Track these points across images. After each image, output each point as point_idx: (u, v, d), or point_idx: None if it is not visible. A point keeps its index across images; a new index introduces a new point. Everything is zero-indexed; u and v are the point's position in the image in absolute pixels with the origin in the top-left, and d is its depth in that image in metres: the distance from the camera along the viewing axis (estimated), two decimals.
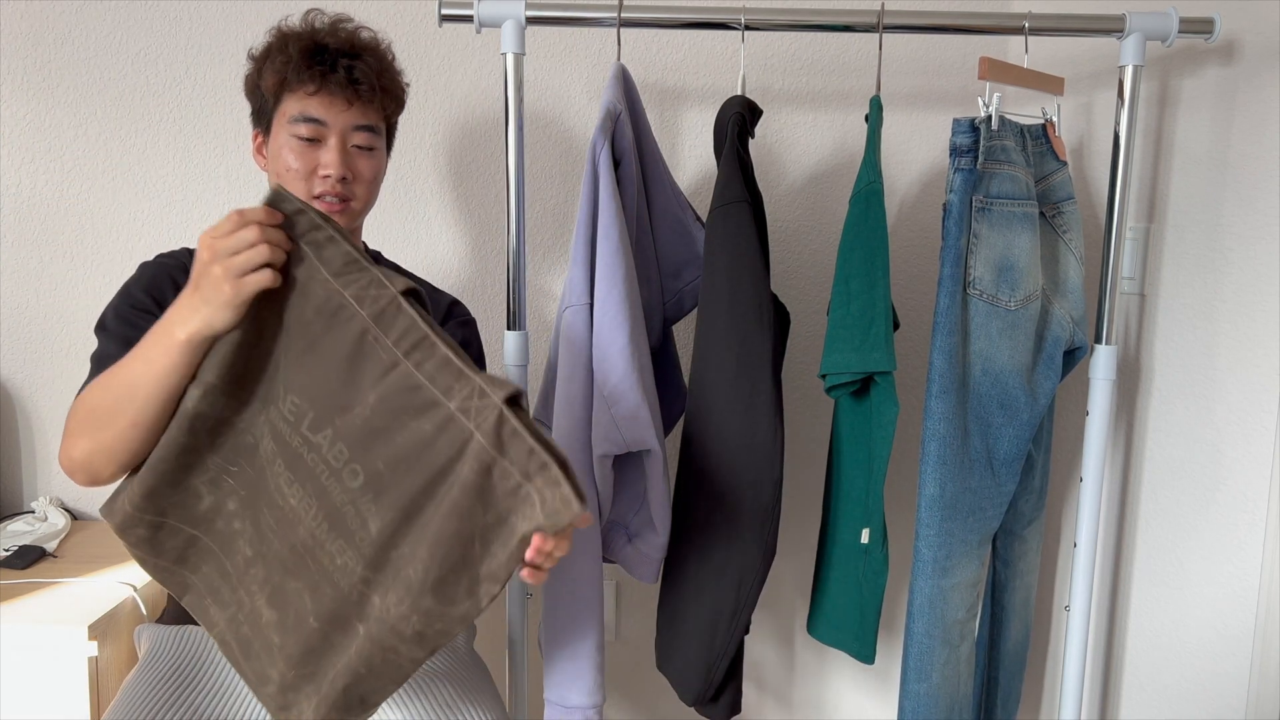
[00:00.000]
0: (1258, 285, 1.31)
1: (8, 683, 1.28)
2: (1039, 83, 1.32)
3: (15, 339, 1.69)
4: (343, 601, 0.95)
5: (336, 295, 0.90)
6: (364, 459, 0.90)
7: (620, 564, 1.37)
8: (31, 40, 1.61)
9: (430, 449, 0.87)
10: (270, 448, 0.96)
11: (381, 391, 0.89)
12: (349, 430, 0.91)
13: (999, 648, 1.49)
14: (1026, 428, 1.28)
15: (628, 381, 1.21)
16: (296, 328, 0.92)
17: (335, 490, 0.93)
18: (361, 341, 0.89)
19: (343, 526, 0.93)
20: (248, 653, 1.03)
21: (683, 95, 1.67)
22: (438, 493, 0.88)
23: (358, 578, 0.93)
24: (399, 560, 0.91)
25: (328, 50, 1.13)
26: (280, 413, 0.95)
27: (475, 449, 0.85)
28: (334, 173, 1.14)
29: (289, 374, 0.93)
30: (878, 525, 1.25)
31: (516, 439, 0.84)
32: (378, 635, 0.92)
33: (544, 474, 0.83)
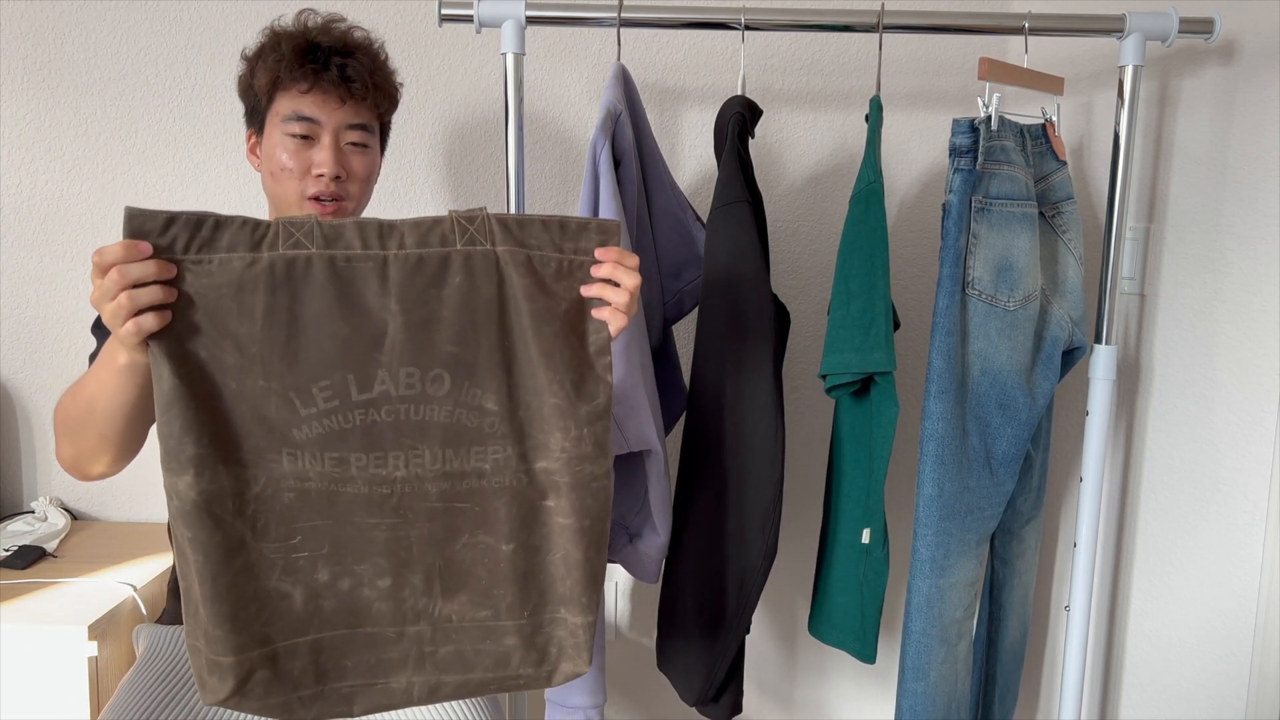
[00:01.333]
0: (1258, 285, 1.31)
1: (8, 683, 1.28)
2: (1039, 83, 1.32)
3: (15, 339, 1.69)
4: (520, 497, 0.91)
5: (274, 261, 0.81)
6: (433, 358, 0.86)
7: (621, 564, 1.38)
8: (31, 40, 1.61)
9: (474, 294, 0.86)
10: (322, 470, 0.86)
11: (395, 293, 0.84)
12: (399, 352, 0.85)
13: (997, 646, 1.49)
14: (1025, 428, 1.28)
15: (628, 381, 1.21)
16: (258, 328, 0.82)
17: (435, 412, 0.87)
18: (335, 275, 0.83)
19: (466, 435, 0.89)
20: (469, 665, 0.94)
21: (683, 95, 1.67)
22: (511, 325, 0.88)
23: (515, 462, 0.90)
24: (533, 408, 0.90)
25: (320, 49, 1.13)
26: (314, 419, 0.85)
27: (505, 257, 0.86)
28: (328, 171, 1.13)
29: (287, 375, 0.84)
30: (878, 525, 1.25)
31: (525, 226, 0.87)
32: (570, 481, 0.90)
33: (564, 229, 0.88)
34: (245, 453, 0.84)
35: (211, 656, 0.85)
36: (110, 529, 1.66)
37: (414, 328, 0.85)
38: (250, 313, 0.82)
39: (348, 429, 0.86)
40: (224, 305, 0.81)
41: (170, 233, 0.79)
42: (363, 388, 0.85)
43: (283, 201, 1.16)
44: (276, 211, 1.20)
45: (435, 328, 0.86)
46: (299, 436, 0.85)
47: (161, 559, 1.50)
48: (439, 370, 0.86)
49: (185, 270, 0.80)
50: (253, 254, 0.81)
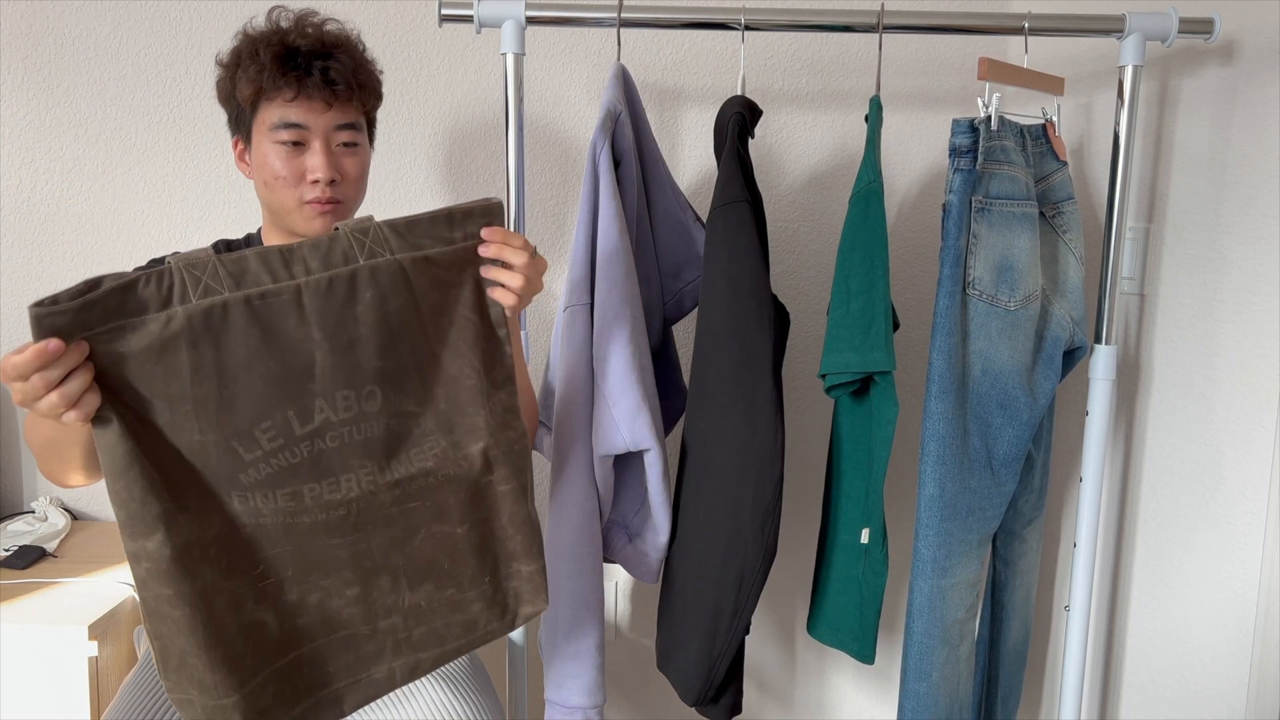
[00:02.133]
0: (1258, 285, 1.31)
1: (8, 683, 1.28)
2: (1039, 83, 1.32)
3: (15, 339, 1.69)
4: (464, 481, 0.97)
5: (191, 315, 0.80)
6: (364, 376, 0.89)
7: (620, 564, 1.38)
8: (31, 40, 1.61)
9: (386, 305, 0.89)
10: (276, 505, 0.88)
11: (315, 321, 0.85)
12: (331, 378, 0.87)
13: (999, 647, 1.49)
14: (1026, 428, 1.28)
15: (628, 381, 1.21)
16: (188, 385, 0.81)
17: (374, 427, 0.90)
18: (254, 317, 0.83)
19: (403, 440, 0.93)
20: (442, 639, 0.99)
21: (683, 95, 1.67)
22: (425, 326, 0.92)
23: (451, 451, 0.96)
24: (453, 398, 0.95)
25: (300, 53, 1.11)
26: (260, 462, 0.85)
27: (406, 263, 0.89)
28: (323, 176, 1.12)
29: (226, 426, 0.83)
30: (877, 525, 1.25)
31: (414, 226, 0.90)
32: (503, 451, 0.98)
33: (450, 220, 0.92)
34: (193, 500, 0.84)
35: (210, 703, 0.86)
36: (110, 529, 1.66)
37: (340, 351, 0.87)
38: (176, 372, 0.80)
39: (296, 463, 0.87)
40: (148, 370, 0.79)
41: (79, 317, 0.76)
42: (304, 421, 0.86)
43: (279, 209, 1.15)
44: (273, 220, 1.19)
45: (359, 346, 0.88)
46: (246, 480, 0.85)
47: None
48: (371, 386, 0.89)
49: (103, 346, 0.78)
50: (166, 312, 0.79)
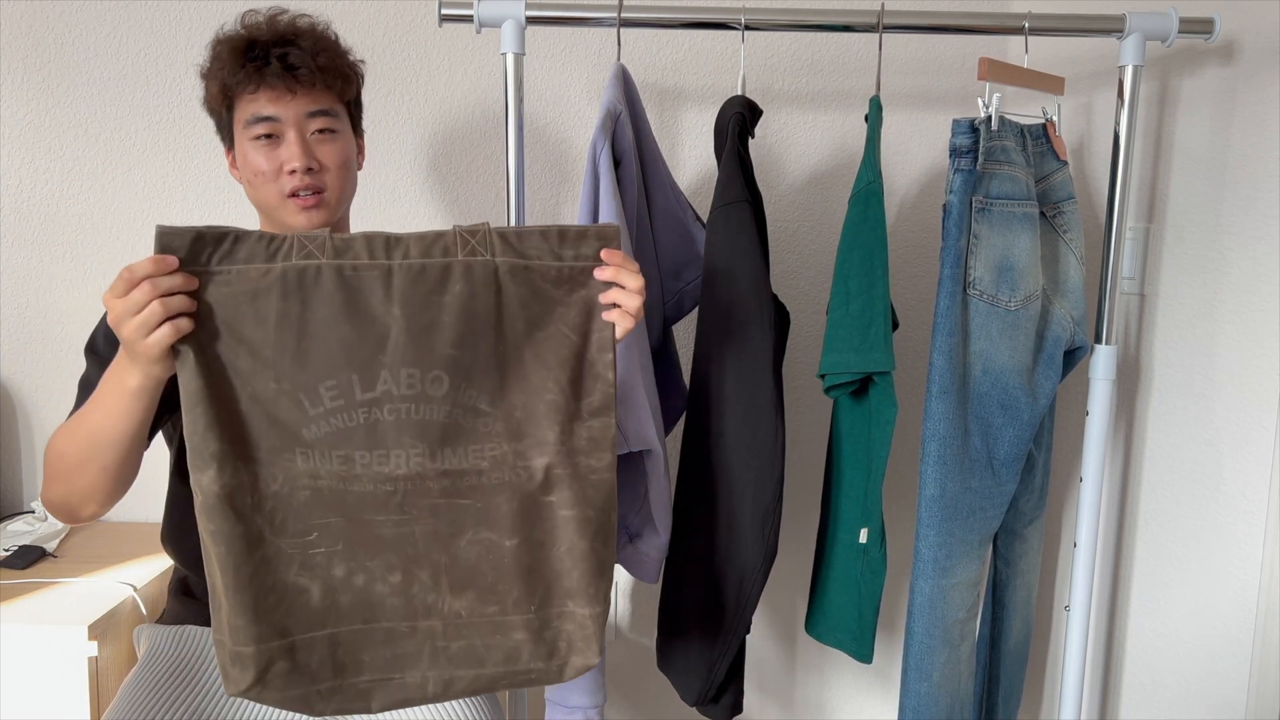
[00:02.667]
0: (1258, 285, 1.31)
1: (8, 683, 1.28)
2: (1039, 83, 1.32)
3: (15, 339, 1.69)
4: (519, 492, 0.94)
5: (287, 270, 0.87)
6: (432, 360, 0.90)
7: (621, 564, 1.37)
8: (31, 40, 1.61)
9: (473, 301, 0.91)
10: (331, 468, 0.90)
11: (398, 300, 0.89)
12: (400, 354, 0.89)
13: (1000, 647, 1.49)
14: (1027, 428, 1.28)
15: (628, 381, 1.21)
16: (271, 333, 0.88)
17: (435, 411, 0.91)
18: (343, 283, 0.88)
19: (464, 433, 0.93)
20: (480, 660, 0.96)
21: (683, 95, 1.67)
22: (507, 331, 0.92)
23: (512, 458, 0.94)
24: (529, 408, 0.94)
25: (258, 44, 1.10)
26: (321, 419, 0.89)
27: (504, 268, 0.91)
28: (298, 164, 1.11)
29: (297, 377, 0.88)
30: (876, 525, 1.25)
31: (525, 238, 0.92)
32: (570, 474, 0.95)
33: (562, 238, 0.93)
34: (263, 452, 0.89)
35: (234, 648, 0.89)
36: (110, 529, 1.66)
37: (415, 332, 0.89)
38: (264, 319, 0.87)
39: (352, 427, 0.90)
40: (241, 311, 0.87)
41: (194, 247, 0.85)
42: (366, 387, 0.89)
43: (265, 206, 1.15)
44: (265, 219, 1.18)
45: (435, 332, 0.90)
46: (308, 435, 0.89)
47: (162, 559, 1.50)
48: (438, 372, 0.91)
49: (207, 280, 0.86)
50: (268, 265, 0.87)
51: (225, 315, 0.87)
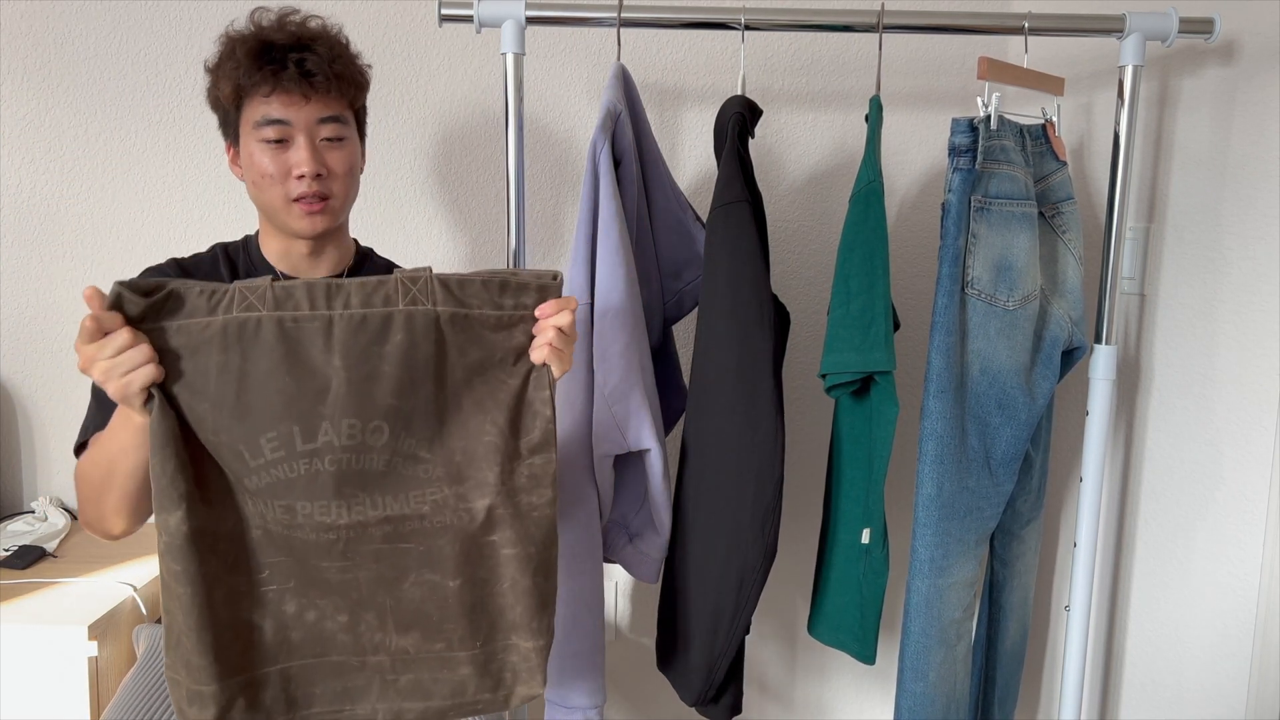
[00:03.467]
0: (1258, 285, 1.31)
1: (8, 683, 1.28)
2: (1039, 83, 1.32)
3: (15, 339, 1.69)
4: (462, 535, 0.96)
5: (227, 323, 0.88)
6: (373, 410, 0.91)
7: (621, 564, 1.38)
8: (31, 40, 1.61)
9: (414, 350, 0.92)
10: (275, 515, 0.93)
11: (339, 351, 0.90)
12: (341, 405, 0.90)
13: (996, 647, 1.49)
14: (1024, 428, 1.28)
15: (628, 381, 1.21)
16: (211, 385, 0.89)
17: (375, 461, 0.93)
18: (284, 334, 0.89)
19: (404, 480, 0.94)
20: (428, 694, 0.99)
21: (683, 95, 1.67)
22: (447, 378, 0.94)
23: (454, 501, 0.95)
24: (469, 451, 0.95)
25: (275, 47, 1.10)
26: (262, 470, 0.91)
27: (445, 317, 0.92)
28: (307, 170, 1.11)
29: (236, 429, 0.90)
30: (878, 525, 1.25)
31: (466, 285, 0.93)
32: (511, 513, 0.96)
33: (503, 288, 0.94)
34: (216, 494, 0.91)
35: (193, 686, 0.91)
36: None
37: (356, 382, 0.90)
38: (206, 370, 0.88)
39: (293, 478, 0.91)
40: (186, 364, 0.88)
41: (142, 303, 0.86)
42: (307, 439, 0.90)
43: (269, 208, 1.15)
44: (267, 219, 1.18)
45: (376, 382, 0.91)
46: (250, 485, 0.91)
47: None
48: (378, 421, 0.92)
49: (157, 336, 0.87)
50: (208, 318, 0.88)
51: (177, 368, 0.88)
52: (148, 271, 1.18)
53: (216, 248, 1.24)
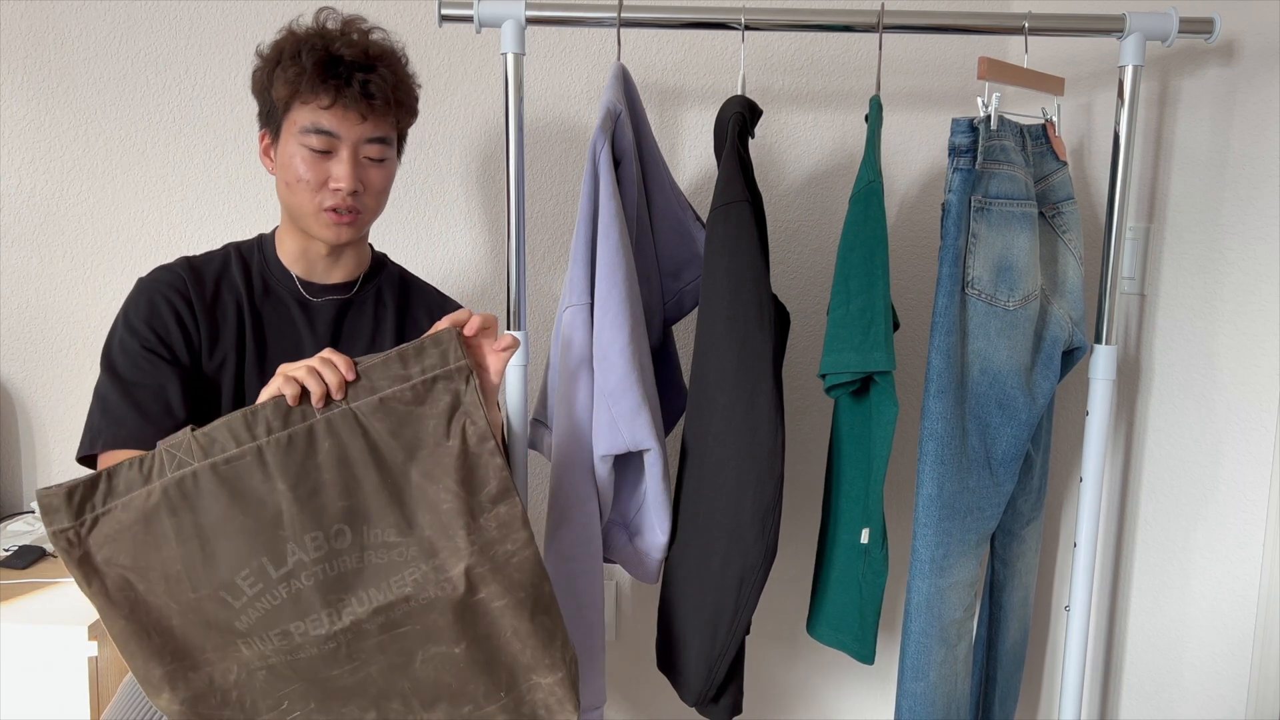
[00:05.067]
0: (1258, 285, 1.31)
1: (8, 683, 1.28)
2: (1039, 83, 1.32)
3: (15, 339, 1.69)
4: (450, 603, 0.98)
5: (167, 487, 0.92)
6: (329, 518, 0.95)
7: (621, 564, 1.38)
8: (31, 40, 1.61)
9: (346, 451, 0.96)
10: (274, 646, 0.96)
11: (278, 474, 0.94)
12: (298, 524, 0.94)
13: (997, 647, 1.49)
14: (1025, 428, 1.28)
15: (628, 381, 1.21)
16: (174, 549, 0.92)
17: (347, 562, 0.96)
18: (221, 479, 0.93)
19: (381, 570, 0.97)
20: None
21: (683, 95, 1.67)
22: (388, 463, 0.97)
23: (433, 574, 0.98)
24: (433, 522, 0.98)
25: (342, 62, 1.10)
26: (247, 607, 0.94)
27: (362, 409, 0.96)
28: (345, 186, 1.12)
29: (213, 579, 0.93)
30: (877, 525, 1.25)
31: (370, 373, 0.96)
32: (490, 569, 0.99)
33: (403, 360, 0.97)
34: (210, 652, 0.94)
35: None
36: None
37: (304, 499, 0.94)
38: (164, 537, 0.91)
39: (279, 604, 0.94)
40: (140, 540, 0.91)
41: (74, 501, 0.90)
42: (278, 564, 0.94)
43: (298, 211, 1.15)
44: (291, 218, 1.19)
45: (322, 492, 0.95)
46: (241, 626, 0.94)
47: None
48: (339, 525, 0.96)
49: (98, 523, 0.91)
50: (147, 488, 0.91)
51: (126, 548, 0.91)
52: (158, 269, 1.19)
53: (230, 247, 1.24)
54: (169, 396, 1.12)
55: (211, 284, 1.19)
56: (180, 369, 1.14)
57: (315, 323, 1.22)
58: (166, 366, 1.13)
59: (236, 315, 1.18)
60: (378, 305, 1.26)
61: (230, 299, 1.19)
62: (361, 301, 1.25)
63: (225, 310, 1.18)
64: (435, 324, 1.02)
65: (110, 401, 1.11)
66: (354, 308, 1.25)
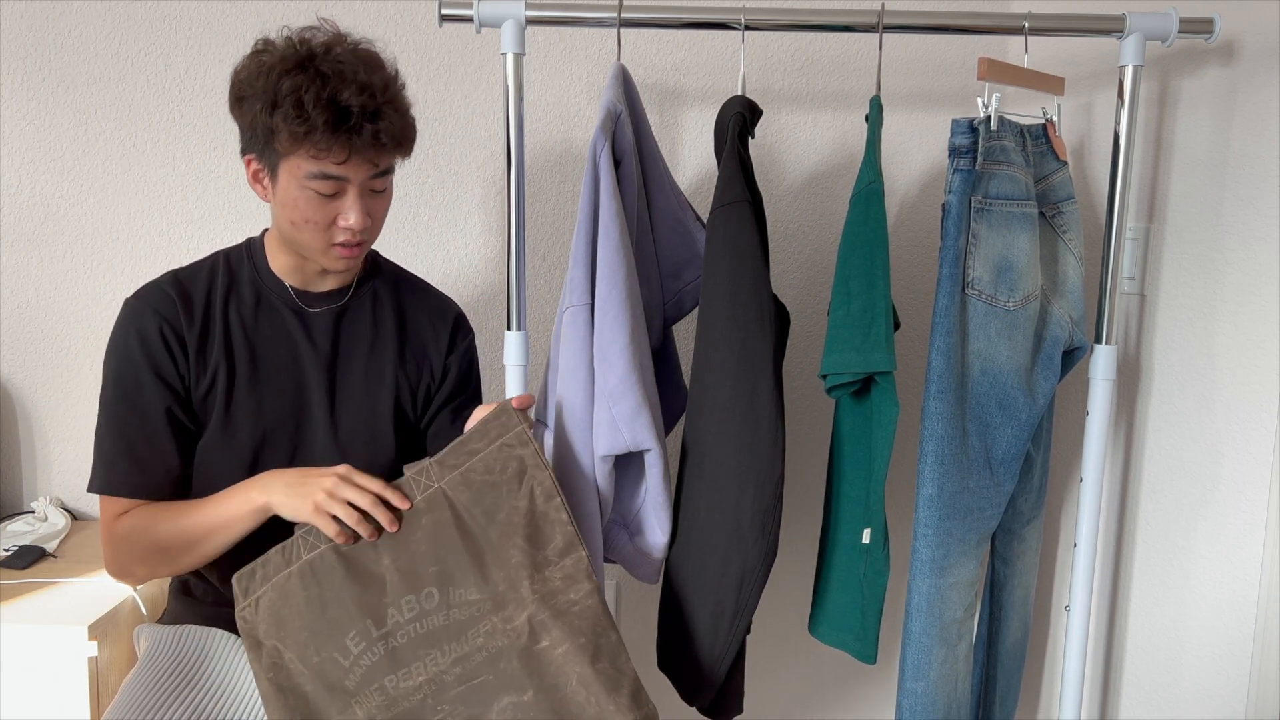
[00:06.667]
0: (1258, 285, 1.31)
1: (8, 683, 1.28)
2: (1039, 83, 1.32)
3: (15, 339, 1.69)
4: (516, 650, 1.06)
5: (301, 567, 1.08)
6: (422, 582, 1.08)
7: (621, 564, 1.37)
8: (31, 40, 1.61)
9: (436, 524, 1.09)
10: (375, 703, 1.05)
11: (385, 550, 1.08)
12: (396, 590, 1.07)
13: (997, 647, 1.49)
14: (1025, 428, 1.28)
15: (628, 381, 1.21)
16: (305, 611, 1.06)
17: (434, 620, 1.07)
18: (342, 556, 1.08)
19: (462, 625, 1.07)
20: None
21: (683, 95, 1.67)
22: (470, 529, 1.09)
23: (500, 624, 1.06)
24: (506, 576, 1.08)
25: (352, 114, 1.05)
26: (354, 665, 1.05)
27: (447, 487, 1.10)
28: (357, 225, 1.10)
29: (330, 641, 1.05)
30: (879, 525, 1.25)
31: (452, 452, 1.10)
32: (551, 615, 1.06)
33: (469, 438, 1.11)
34: (334, 716, 1.05)
35: None
36: None
37: (403, 569, 1.08)
38: (296, 606, 1.07)
39: (376, 661, 1.06)
40: (279, 613, 1.07)
41: (243, 584, 1.09)
42: (379, 625, 1.07)
43: (304, 247, 1.14)
44: (289, 246, 1.17)
45: (417, 561, 1.08)
46: (350, 685, 1.05)
47: None
48: (429, 589, 1.08)
49: (259, 602, 1.08)
50: (288, 569, 1.08)
51: (274, 622, 1.07)
52: (145, 290, 1.17)
53: (218, 256, 1.23)
54: (164, 440, 1.16)
55: (201, 300, 1.18)
56: (173, 395, 1.16)
57: (312, 332, 1.21)
58: (158, 400, 1.15)
59: (225, 329, 1.18)
60: (375, 308, 1.26)
61: (219, 313, 1.18)
62: (358, 307, 1.25)
63: (214, 326, 1.18)
64: (477, 410, 1.16)
65: (105, 443, 1.15)
66: (350, 314, 1.24)
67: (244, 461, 1.17)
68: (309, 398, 1.20)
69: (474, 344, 1.35)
